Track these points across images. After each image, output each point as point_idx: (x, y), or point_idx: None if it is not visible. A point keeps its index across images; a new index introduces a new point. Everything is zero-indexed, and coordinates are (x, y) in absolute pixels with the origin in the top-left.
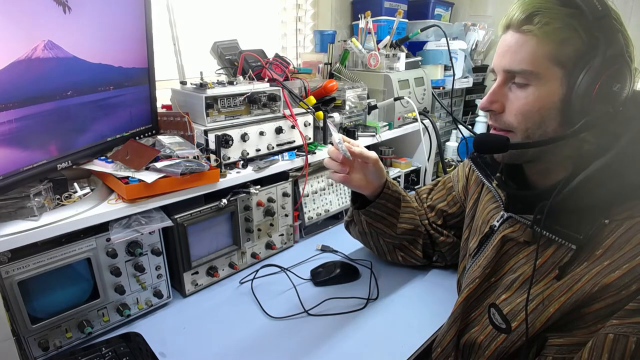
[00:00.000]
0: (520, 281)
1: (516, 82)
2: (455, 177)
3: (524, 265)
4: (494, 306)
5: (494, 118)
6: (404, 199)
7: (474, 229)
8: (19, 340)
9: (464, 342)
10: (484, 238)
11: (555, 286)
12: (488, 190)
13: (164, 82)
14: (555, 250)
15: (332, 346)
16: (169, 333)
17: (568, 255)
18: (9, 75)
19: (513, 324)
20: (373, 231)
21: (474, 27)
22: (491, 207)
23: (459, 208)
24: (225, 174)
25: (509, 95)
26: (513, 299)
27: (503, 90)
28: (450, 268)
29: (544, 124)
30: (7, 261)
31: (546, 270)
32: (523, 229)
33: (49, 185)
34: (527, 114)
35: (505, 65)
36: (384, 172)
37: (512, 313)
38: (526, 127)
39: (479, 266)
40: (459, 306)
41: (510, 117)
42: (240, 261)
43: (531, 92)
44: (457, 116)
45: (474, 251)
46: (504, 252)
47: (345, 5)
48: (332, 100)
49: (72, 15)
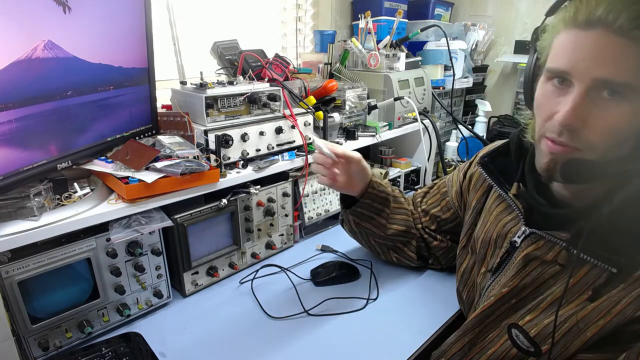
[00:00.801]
0: (547, 302)
1: (607, 95)
2: (449, 182)
3: (552, 285)
4: (517, 327)
5: (571, 135)
6: (395, 199)
7: (484, 241)
8: (19, 340)
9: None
10: (505, 255)
11: (590, 308)
12: (501, 199)
13: (164, 82)
14: (588, 270)
15: (332, 346)
16: (169, 333)
17: (603, 276)
18: (9, 75)
19: (543, 347)
20: (362, 231)
21: (474, 27)
22: (507, 220)
23: (453, 214)
24: (225, 174)
25: (593, 109)
26: (539, 320)
27: (585, 102)
28: (448, 269)
29: (624, 144)
30: (7, 261)
31: (578, 291)
32: (549, 246)
33: (49, 185)
34: (615, 132)
35: (601, 74)
36: (369, 172)
37: (540, 335)
38: (607, 147)
39: (498, 284)
40: (470, 321)
41: (592, 135)
42: (240, 261)
43: (625, 108)
44: (457, 116)
45: (494, 267)
46: (528, 272)
47: (345, 5)
48: (332, 100)
49: (72, 15)
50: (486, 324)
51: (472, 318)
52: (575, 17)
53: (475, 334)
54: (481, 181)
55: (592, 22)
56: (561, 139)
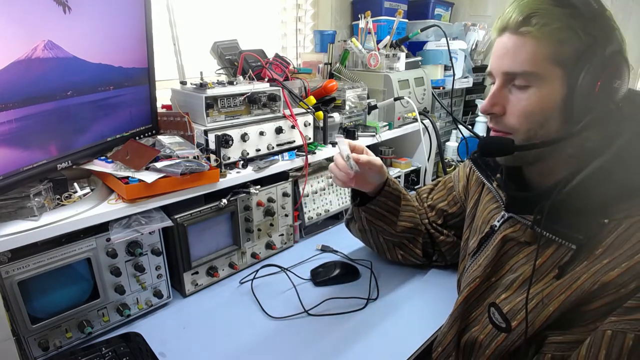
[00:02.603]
0: (520, 281)
1: (516, 84)
2: (456, 177)
3: (524, 264)
4: (494, 305)
5: (495, 120)
6: (404, 197)
7: (474, 229)
8: (19, 340)
9: (465, 342)
10: (484, 238)
11: (555, 285)
12: (488, 190)
13: (164, 82)
14: (555, 249)
15: (332, 346)
16: (169, 333)
17: (568, 254)
18: (9, 75)
19: (513, 323)
20: (373, 229)
21: (474, 27)
22: (492, 207)
23: (460, 208)
24: (225, 174)
25: (510, 98)
26: (513, 298)
27: (503, 93)
28: (450, 267)
29: (546, 124)
30: (7, 261)
31: (546, 269)
32: (523, 229)
33: (49, 185)
34: (529, 115)
35: (504, 68)
36: (385, 171)
37: (511, 312)
38: (528, 129)
39: (479, 265)
40: (459, 306)
41: (512, 119)
42: (240, 261)
43: (532, 93)
44: (457, 116)
45: (473, 250)
46: (505, 252)
47: (345, 5)
48: (332, 100)
49: (72, 15)
50: (470, 303)
51: (460, 301)
52: (496, 27)
53: (462, 316)
54: None
55: (503, 28)
56: (491, 125)
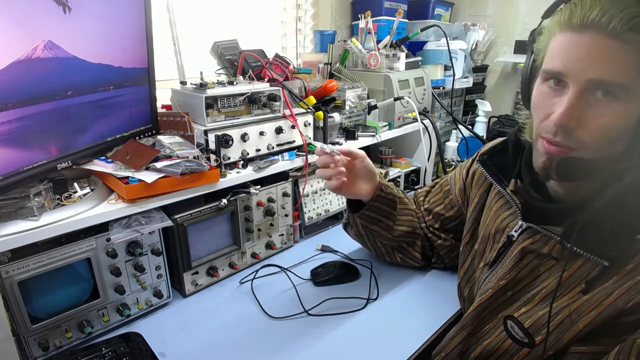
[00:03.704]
0: (542, 294)
1: (602, 96)
2: (452, 180)
3: (547, 278)
4: (512, 319)
5: (565, 134)
6: (400, 201)
7: (483, 236)
8: (19, 340)
9: (477, 355)
10: (503, 248)
11: (583, 300)
12: (499, 195)
13: (164, 82)
14: (582, 264)
15: (332, 346)
16: (169, 333)
17: (596, 269)
18: (9, 75)
19: (537, 338)
20: (369, 234)
21: (474, 27)
22: (505, 215)
23: (457, 212)
24: (225, 174)
25: (587, 109)
26: (534, 312)
27: (580, 103)
28: (450, 268)
29: (617, 143)
30: (7, 261)
31: (572, 284)
32: (544, 240)
33: (49, 185)
34: (607, 131)
35: (591, 75)
36: (376, 174)
37: (534, 327)
38: (599, 147)
39: (494, 277)
40: (469, 315)
41: (585, 134)
42: (240, 261)
43: (618, 108)
44: (457, 116)
45: (491, 261)
46: (524, 265)
47: (345, 5)
48: (332, 100)
49: (72, 15)
50: (483, 316)
51: (471, 311)
52: (570, 20)
53: (473, 327)
54: (483, 178)
55: (586, 24)
56: (556, 139)
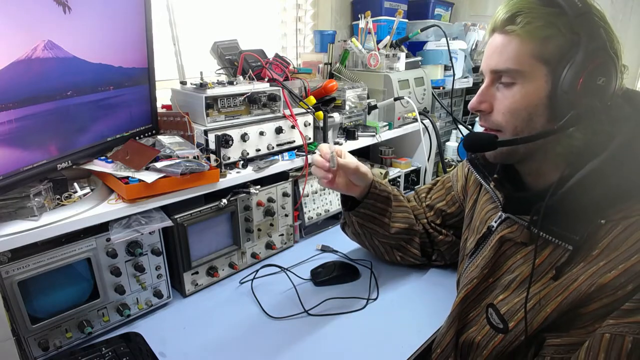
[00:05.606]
0: (518, 281)
1: (503, 82)
2: (454, 177)
3: (521, 265)
4: (492, 306)
5: (484, 118)
6: (395, 198)
7: (472, 229)
8: (19, 340)
9: (462, 342)
10: (482, 238)
11: (552, 286)
12: (486, 191)
13: (164, 82)
14: (552, 250)
15: (332, 346)
16: (169, 333)
17: (565, 255)
18: (9, 75)
19: (510, 324)
20: (366, 232)
21: (474, 27)
22: (489, 208)
23: (458, 208)
24: (225, 174)
25: (497, 95)
26: (510, 299)
27: (491, 91)
28: (449, 267)
29: (531, 121)
30: (7, 261)
31: (543, 270)
32: (520, 229)
33: (49, 185)
34: (514, 112)
35: (491, 66)
36: (368, 174)
37: (509, 313)
38: (514, 125)
39: (476, 266)
40: (456, 306)
41: (498, 116)
42: (240, 261)
43: (517, 91)
44: (457, 116)
45: (471, 251)
46: (502, 252)
47: (345, 5)
48: (332, 100)
49: (72, 15)
50: (467, 304)
51: (458, 301)
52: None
53: (461, 317)
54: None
55: (492, 28)
56: (480, 123)
